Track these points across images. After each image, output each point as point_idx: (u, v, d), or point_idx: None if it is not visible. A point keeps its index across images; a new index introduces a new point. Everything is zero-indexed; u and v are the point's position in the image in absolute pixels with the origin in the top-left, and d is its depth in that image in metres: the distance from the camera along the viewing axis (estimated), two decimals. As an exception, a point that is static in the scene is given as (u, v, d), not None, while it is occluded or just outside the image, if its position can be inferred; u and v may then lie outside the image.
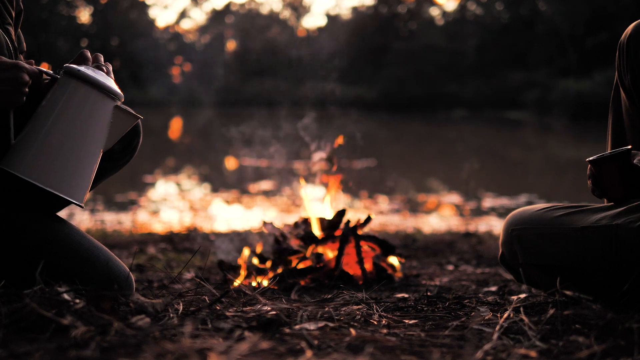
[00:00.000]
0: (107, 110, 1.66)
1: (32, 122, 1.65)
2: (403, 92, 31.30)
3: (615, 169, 1.68)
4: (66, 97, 1.63)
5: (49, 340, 1.21)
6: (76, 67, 1.65)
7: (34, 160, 1.61)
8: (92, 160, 1.68)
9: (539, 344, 1.29)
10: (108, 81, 1.67)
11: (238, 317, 1.44)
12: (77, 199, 1.66)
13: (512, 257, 1.88)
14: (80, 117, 1.64)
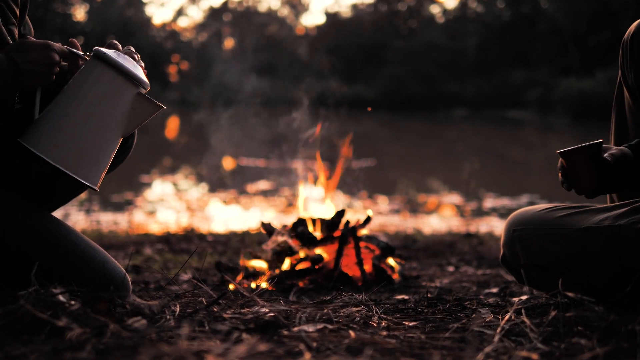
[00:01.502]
0: (130, 96, 1.68)
1: (55, 102, 1.68)
2: (403, 90, 31.28)
3: (586, 160, 1.69)
4: (91, 79, 1.66)
5: (44, 342, 1.21)
6: (105, 50, 1.68)
7: (51, 139, 1.64)
8: (109, 145, 1.70)
9: (540, 346, 1.29)
10: (135, 68, 1.69)
11: (236, 319, 1.44)
12: (91, 182, 1.67)
13: (514, 258, 1.88)
14: (103, 100, 1.66)
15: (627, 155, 1.71)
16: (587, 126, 20.00)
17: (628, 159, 1.70)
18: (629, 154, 1.71)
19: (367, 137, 17.57)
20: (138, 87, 1.68)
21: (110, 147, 1.70)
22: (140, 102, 1.68)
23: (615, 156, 1.69)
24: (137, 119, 1.70)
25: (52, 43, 1.66)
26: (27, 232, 1.67)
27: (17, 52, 1.63)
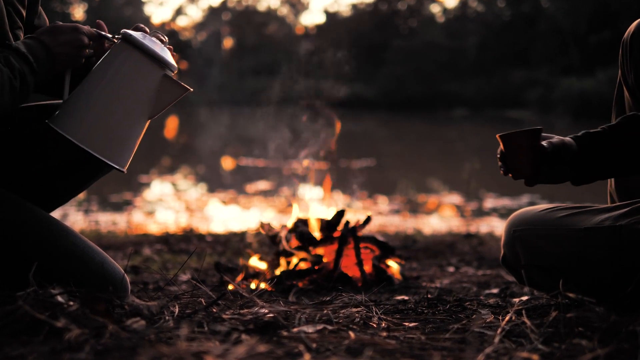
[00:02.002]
0: (157, 78, 1.69)
1: (83, 84, 1.70)
2: (403, 90, 31.28)
3: (524, 145, 1.69)
4: (118, 61, 1.68)
5: (43, 343, 1.21)
6: (132, 32, 1.70)
7: (78, 122, 1.66)
8: (137, 128, 1.72)
9: (541, 347, 1.29)
10: (162, 51, 1.71)
11: (235, 319, 1.44)
12: (118, 164, 1.70)
13: (514, 258, 1.88)
14: (130, 82, 1.68)
15: (568, 146, 1.70)
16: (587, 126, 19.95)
17: (569, 149, 1.70)
18: (570, 144, 1.70)
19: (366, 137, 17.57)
20: (164, 69, 1.70)
21: (138, 130, 1.73)
22: (167, 84, 1.70)
23: (554, 144, 1.69)
24: (163, 101, 1.72)
25: (80, 26, 1.69)
26: (27, 232, 1.67)
27: (48, 35, 1.67)
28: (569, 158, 1.70)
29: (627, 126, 1.72)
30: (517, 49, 32.83)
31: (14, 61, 1.61)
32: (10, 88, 1.59)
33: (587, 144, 1.71)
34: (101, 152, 1.67)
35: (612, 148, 1.71)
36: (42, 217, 1.72)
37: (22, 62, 1.62)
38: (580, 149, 1.71)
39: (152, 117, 1.73)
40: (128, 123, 1.70)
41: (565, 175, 1.75)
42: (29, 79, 1.63)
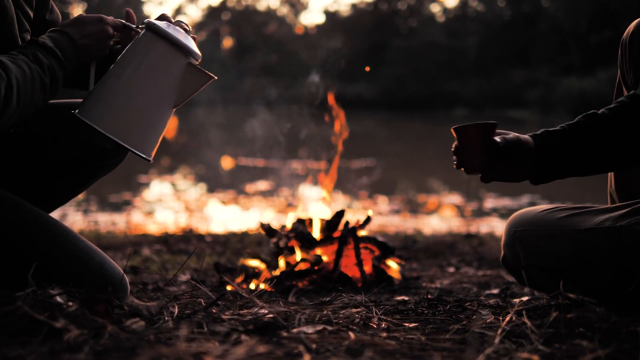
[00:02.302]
0: (181, 66, 1.71)
1: (108, 74, 1.72)
2: (403, 90, 31.30)
3: (477, 139, 1.69)
4: (143, 50, 1.71)
5: (42, 343, 1.21)
6: (156, 22, 1.72)
7: (104, 111, 1.68)
8: (162, 116, 1.74)
9: (541, 348, 1.29)
10: (186, 39, 1.73)
11: (234, 320, 1.44)
12: (144, 153, 1.71)
13: (515, 259, 1.88)
14: (154, 71, 1.70)
15: (523, 143, 1.69)
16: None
17: (523, 147, 1.69)
18: (526, 142, 1.69)
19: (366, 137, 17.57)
20: (188, 57, 1.72)
21: (163, 118, 1.75)
22: (191, 72, 1.72)
23: (508, 141, 1.68)
24: (188, 89, 1.74)
25: (105, 17, 1.72)
26: (26, 232, 1.67)
27: (73, 27, 1.68)
28: (523, 156, 1.69)
29: (585, 125, 1.70)
30: (518, 48, 32.84)
31: (43, 57, 1.62)
32: (41, 85, 1.60)
33: (545, 143, 1.70)
34: (127, 141, 1.69)
35: (570, 148, 1.69)
36: (41, 217, 1.72)
37: (50, 58, 1.64)
38: (538, 148, 1.70)
39: (177, 105, 1.76)
40: (153, 112, 1.73)
41: (523, 174, 1.73)
42: (58, 74, 1.65)
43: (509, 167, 1.72)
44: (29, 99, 1.58)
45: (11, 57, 1.58)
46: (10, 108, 1.54)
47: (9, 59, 1.57)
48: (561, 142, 1.69)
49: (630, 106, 1.70)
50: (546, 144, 1.70)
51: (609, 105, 1.74)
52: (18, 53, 1.61)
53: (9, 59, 1.57)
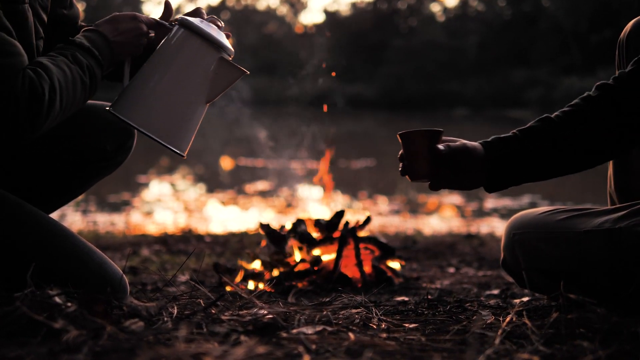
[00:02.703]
0: (214, 62, 1.74)
1: (142, 70, 1.75)
2: (403, 90, 31.28)
3: (423, 145, 1.68)
4: (176, 46, 1.74)
5: (40, 344, 1.21)
6: (189, 18, 1.74)
7: (138, 106, 1.71)
8: (195, 111, 1.76)
9: (542, 349, 1.29)
10: (219, 35, 1.76)
11: (234, 321, 1.44)
12: (178, 148, 1.74)
13: (514, 261, 1.88)
14: (188, 67, 1.73)
15: (470, 151, 1.67)
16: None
17: (470, 154, 1.67)
18: (474, 150, 1.68)
19: (367, 137, 17.56)
20: (221, 53, 1.74)
21: (197, 114, 1.77)
22: (224, 67, 1.75)
23: (452, 149, 1.67)
24: (221, 84, 1.76)
25: (139, 14, 1.75)
26: (26, 233, 1.67)
27: (107, 25, 1.72)
28: (470, 164, 1.68)
29: (539, 130, 1.69)
30: (518, 48, 32.83)
31: (81, 57, 1.64)
32: (82, 85, 1.63)
33: (496, 152, 1.68)
34: (161, 136, 1.71)
35: (523, 155, 1.68)
36: (41, 218, 1.72)
37: (88, 57, 1.66)
38: (489, 156, 1.68)
39: (210, 100, 1.78)
40: (186, 107, 1.75)
41: (474, 181, 1.71)
42: (96, 73, 1.68)
43: (456, 175, 1.70)
44: (71, 100, 1.61)
45: (51, 58, 1.60)
46: (54, 110, 1.57)
47: (50, 61, 1.59)
48: (513, 150, 1.68)
49: (584, 110, 1.70)
50: (497, 153, 1.68)
51: (563, 108, 1.74)
52: (57, 54, 1.63)
53: (49, 60, 1.59)
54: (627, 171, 1.89)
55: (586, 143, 1.70)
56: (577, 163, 1.72)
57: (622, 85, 1.68)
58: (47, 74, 1.55)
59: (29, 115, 1.52)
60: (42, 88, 1.53)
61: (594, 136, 1.70)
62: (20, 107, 1.51)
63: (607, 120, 1.69)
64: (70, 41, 1.67)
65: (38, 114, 1.53)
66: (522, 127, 1.72)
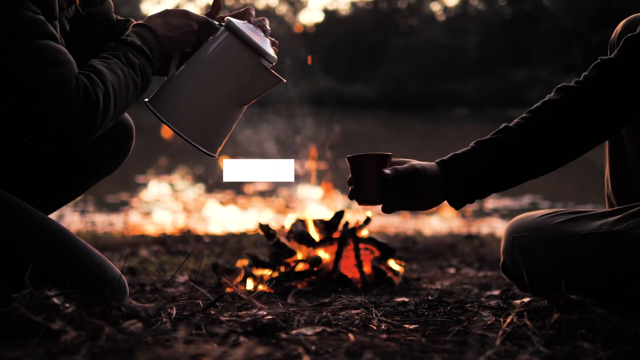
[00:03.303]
0: (252, 68, 1.74)
1: (183, 67, 1.77)
2: (403, 89, 31.29)
3: (369, 170, 1.68)
4: (218, 48, 1.75)
5: (38, 345, 1.21)
6: (235, 21, 1.76)
7: (173, 104, 1.73)
8: (228, 114, 1.78)
9: (543, 350, 1.29)
10: (263, 41, 1.77)
11: (233, 321, 1.44)
12: (208, 149, 1.76)
13: (514, 265, 1.88)
14: (226, 70, 1.74)
15: (420, 173, 1.66)
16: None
17: (419, 177, 1.66)
18: (423, 172, 1.67)
19: (366, 137, 17.56)
20: (261, 59, 1.75)
21: (230, 116, 1.78)
22: (261, 73, 1.75)
23: (399, 172, 1.66)
24: (257, 90, 1.76)
25: (190, 11, 1.78)
26: (26, 233, 1.67)
27: (157, 19, 1.75)
28: (422, 186, 1.67)
29: (501, 141, 1.69)
30: (519, 47, 32.84)
31: (133, 57, 1.66)
32: (134, 86, 1.65)
33: (455, 170, 1.68)
34: (191, 137, 1.73)
35: (487, 168, 1.68)
36: (40, 218, 1.72)
37: (140, 56, 1.68)
38: (448, 176, 1.67)
39: (245, 105, 1.79)
40: (221, 110, 1.76)
41: (431, 201, 1.71)
42: (148, 72, 1.70)
43: (407, 197, 1.70)
44: (124, 102, 1.64)
45: (104, 62, 1.62)
46: (109, 115, 1.59)
47: (104, 65, 1.60)
48: (474, 167, 1.68)
49: (547, 115, 1.70)
50: (456, 172, 1.68)
51: (523, 115, 1.74)
52: (110, 55, 1.65)
53: (103, 64, 1.60)
54: (624, 172, 1.89)
55: (551, 148, 1.71)
56: (543, 168, 1.73)
57: (588, 87, 1.69)
58: (101, 80, 1.57)
59: (84, 123, 1.54)
60: (97, 95, 1.55)
61: (559, 140, 1.70)
62: (75, 115, 1.52)
63: (572, 124, 1.69)
64: (122, 40, 1.69)
65: (93, 121, 1.56)
66: (481, 139, 1.72)
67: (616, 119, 1.70)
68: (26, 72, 1.49)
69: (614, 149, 1.91)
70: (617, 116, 1.70)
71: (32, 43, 1.50)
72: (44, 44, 1.51)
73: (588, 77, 1.70)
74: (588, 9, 30.64)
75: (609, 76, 1.68)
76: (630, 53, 1.67)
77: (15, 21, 1.48)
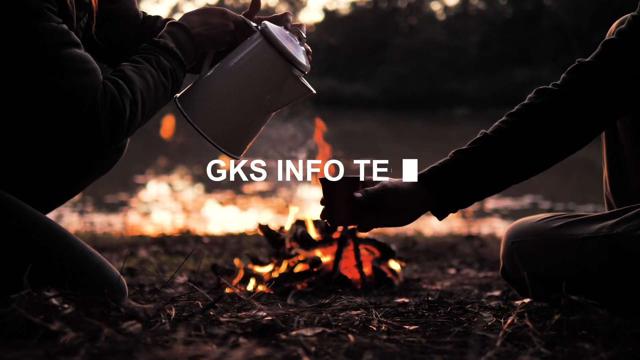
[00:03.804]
0: (282, 76, 1.74)
1: (215, 68, 1.77)
2: (403, 89, 31.30)
3: (340, 193, 1.68)
4: (251, 53, 1.74)
5: (37, 346, 1.21)
6: (270, 28, 1.74)
7: (200, 104, 1.74)
8: (255, 119, 1.78)
9: (544, 351, 1.29)
10: (296, 49, 1.76)
11: (232, 322, 1.44)
12: (232, 152, 1.78)
13: (514, 270, 1.88)
14: (256, 76, 1.74)
15: (391, 192, 1.67)
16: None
17: (392, 195, 1.67)
18: (394, 189, 1.67)
19: (366, 137, 17.57)
20: (292, 68, 1.74)
21: (256, 122, 1.79)
22: (292, 83, 1.75)
23: (369, 194, 1.67)
24: (286, 99, 1.76)
25: (229, 11, 1.78)
26: (25, 233, 1.67)
27: (196, 16, 1.75)
28: (395, 204, 1.68)
29: (480, 151, 1.70)
30: (519, 47, 32.84)
31: (165, 61, 1.67)
32: (163, 91, 1.66)
33: (437, 184, 1.68)
34: (216, 139, 1.74)
35: (468, 181, 1.68)
36: (39, 219, 1.72)
37: (172, 60, 1.68)
38: (429, 190, 1.68)
39: (273, 112, 1.79)
40: (247, 115, 1.76)
41: (407, 216, 1.72)
42: (179, 75, 1.70)
43: (381, 217, 1.71)
44: (152, 108, 1.65)
45: (135, 67, 1.62)
46: (136, 121, 1.60)
47: (133, 70, 1.61)
48: (453, 178, 1.68)
49: (529, 121, 1.70)
50: (436, 184, 1.68)
51: (504, 118, 1.75)
52: (141, 59, 1.65)
53: (132, 69, 1.61)
54: (622, 173, 1.90)
55: (533, 152, 1.71)
56: (524, 173, 1.73)
57: (569, 90, 1.70)
58: (129, 87, 1.57)
59: (110, 130, 1.55)
60: (123, 103, 1.55)
61: (541, 144, 1.71)
62: (102, 124, 1.54)
63: (554, 127, 1.70)
64: (154, 42, 1.69)
65: (120, 129, 1.57)
66: (460, 149, 1.72)
67: (597, 122, 1.71)
68: (52, 83, 1.50)
69: (611, 150, 1.91)
70: (598, 119, 1.71)
71: (57, 54, 1.50)
72: (69, 53, 1.52)
73: (567, 79, 1.72)
74: (589, 8, 30.64)
75: (588, 79, 1.70)
76: (607, 56, 1.69)
77: (39, 33, 1.49)
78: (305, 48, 1.83)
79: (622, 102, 1.69)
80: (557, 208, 7.18)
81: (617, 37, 1.71)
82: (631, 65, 1.68)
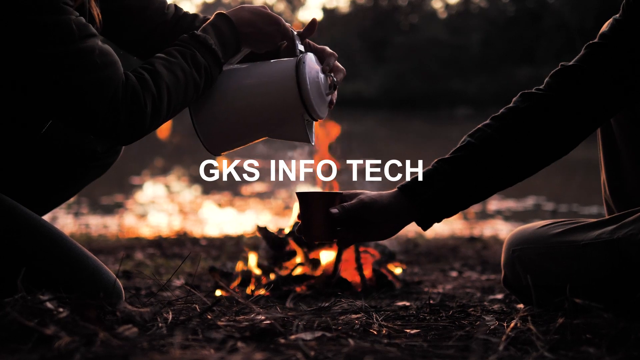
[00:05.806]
0: (293, 115, 1.73)
1: (237, 71, 1.77)
2: (404, 88, 31.32)
3: (317, 208, 1.69)
4: (276, 78, 1.73)
5: (31, 351, 1.20)
6: (308, 64, 1.72)
7: (205, 105, 1.73)
8: (251, 136, 1.79)
9: (547, 355, 1.30)
10: (321, 98, 1.74)
11: (230, 326, 1.44)
12: (211, 149, 1.77)
13: (516, 278, 1.89)
14: (269, 99, 1.73)
15: (369, 206, 1.67)
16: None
17: (371, 209, 1.67)
18: (372, 203, 1.67)
19: (367, 137, 17.57)
20: (305, 114, 1.72)
21: (249, 136, 1.79)
22: (298, 125, 1.74)
23: (346, 209, 1.67)
24: (285, 134, 1.77)
25: (283, 22, 1.76)
26: (20, 236, 1.67)
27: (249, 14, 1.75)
28: (375, 217, 1.68)
29: (464, 159, 1.70)
30: (522, 45, 32.87)
31: (201, 57, 1.66)
32: (194, 87, 1.65)
33: (420, 195, 1.68)
34: (207, 141, 1.75)
35: (453, 190, 1.69)
36: (35, 221, 1.72)
37: (208, 57, 1.67)
38: (407, 197, 1.68)
39: (269, 136, 1.79)
40: (245, 126, 1.76)
41: (389, 229, 1.72)
42: (213, 73, 1.69)
43: (358, 233, 1.72)
44: (180, 104, 1.64)
45: (167, 61, 1.61)
46: (159, 117, 1.60)
47: (164, 64, 1.60)
48: (436, 188, 1.68)
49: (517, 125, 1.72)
50: (419, 195, 1.68)
51: (488, 122, 1.76)
52: (177, 53, 1.64)
53: (164, 64, 1.60)
54: (619, 177, 1.90)
55: (518, 157, 1.72)
56: (509, 180, 1.74)
57: (554, 95, 1.71)
58: (154, 82, 1.57)
59: (129, 125, 1.55)
60: (144, 99, 1.55)
61: (527, 149, 1.72)
62: (121, 119, 1.53)
63: (540, 132, 1.71)
64: (194, 36, 1.68)
65: (140, 125, 1.57)
66: (443, 158, 1.72)
67: (583, 126, 1.72)
68: (72, 77, 1.50)
69: (608, 153, 1.92)
70: (583, 123, 1.72)
71: (77, 48, 1.50)
72: (89, 46, 1.51)
73: (552, 84, 1.73)
74: (592, 5, 30.68)
75: (573, 83, 1.70)
76: (591, 60, 1.69)
77: (59, 27, 1.48)
78: (332, 97, 1.81)
79: (607, 105, 1.70)
80: (561, 209, 7.18)
81: (600, 40, 1.71)
82: (614, 68, 1.68)
